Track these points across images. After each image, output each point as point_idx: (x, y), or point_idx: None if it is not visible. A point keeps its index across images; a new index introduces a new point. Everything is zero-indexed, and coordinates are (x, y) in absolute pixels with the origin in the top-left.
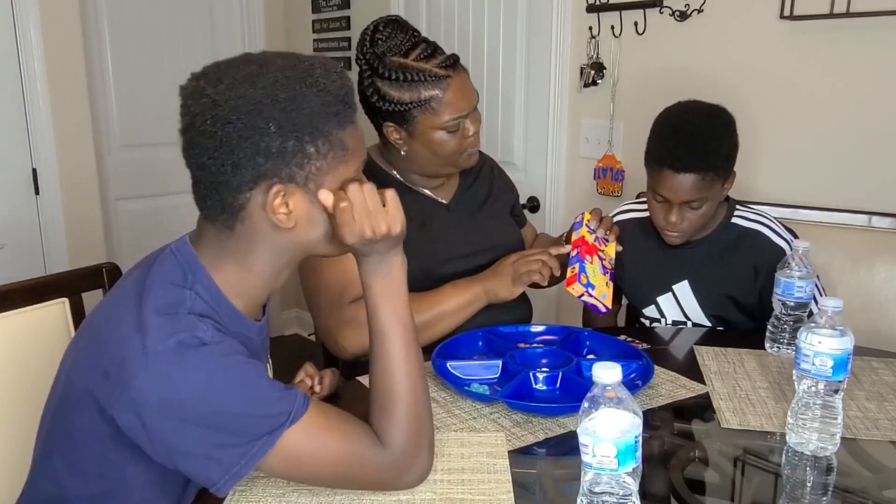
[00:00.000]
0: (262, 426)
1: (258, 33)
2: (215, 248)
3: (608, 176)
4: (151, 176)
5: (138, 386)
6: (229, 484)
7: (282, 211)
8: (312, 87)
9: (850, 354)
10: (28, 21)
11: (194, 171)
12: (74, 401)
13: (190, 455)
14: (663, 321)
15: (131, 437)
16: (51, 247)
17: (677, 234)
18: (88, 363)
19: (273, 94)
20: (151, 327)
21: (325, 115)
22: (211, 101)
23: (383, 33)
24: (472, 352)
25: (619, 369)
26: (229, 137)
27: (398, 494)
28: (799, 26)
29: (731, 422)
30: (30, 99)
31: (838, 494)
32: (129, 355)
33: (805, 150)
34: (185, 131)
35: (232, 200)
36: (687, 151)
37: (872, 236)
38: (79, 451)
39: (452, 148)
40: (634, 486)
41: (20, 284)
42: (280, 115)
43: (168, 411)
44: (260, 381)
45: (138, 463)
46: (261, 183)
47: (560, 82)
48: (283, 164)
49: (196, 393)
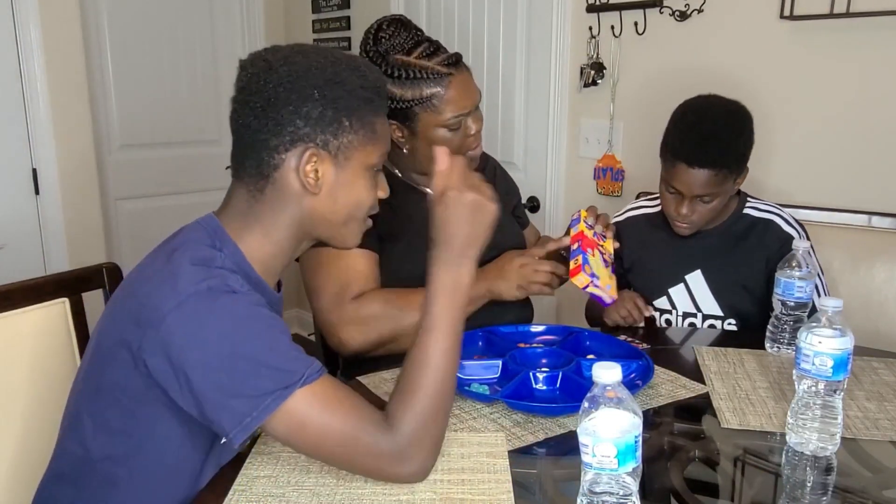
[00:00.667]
0: (277, 380)
1: (258, 33)
2: (242, 215)
3: (608, 176)
4: (151, 176)
5: (168, 324)
6: (241, 436)
7: (312, 175)
8: (355, 72)
9: (850, 354)
10: (28, 21)
11: (238, 132)
12: (106, 355)
13: (208, 399)
14: (674, 313)
15: (160, 381)
16: (51, 247)
17: (687, 226)
18: (121, 316)
19: (322, 67)
20: (184, 273)
21: (362, 97)
22: (267, 64)
23: (387, 31)
24: (473, 352)
25: (619, 369)
26: (277, 97)
27: (398, 494)
28: (799, 26)
29: (731, 422)
30: (30, 99)
31: (838, 494)
32: (161, 299)
33: (805, 151)
34: (239, 92)
35: (268, 159)
36: (702, 147)
37: (872, 236)
38: (107, 409)
39: (454, 146)
40: (634, 486)
41: (20, 284)
42: (324, 86)
43: (193, 349)
44: (282, 336)
45: (164, 421)
46: (298, 145)
47: (560, 82)
48: (320, 131)
49: (221, 333)
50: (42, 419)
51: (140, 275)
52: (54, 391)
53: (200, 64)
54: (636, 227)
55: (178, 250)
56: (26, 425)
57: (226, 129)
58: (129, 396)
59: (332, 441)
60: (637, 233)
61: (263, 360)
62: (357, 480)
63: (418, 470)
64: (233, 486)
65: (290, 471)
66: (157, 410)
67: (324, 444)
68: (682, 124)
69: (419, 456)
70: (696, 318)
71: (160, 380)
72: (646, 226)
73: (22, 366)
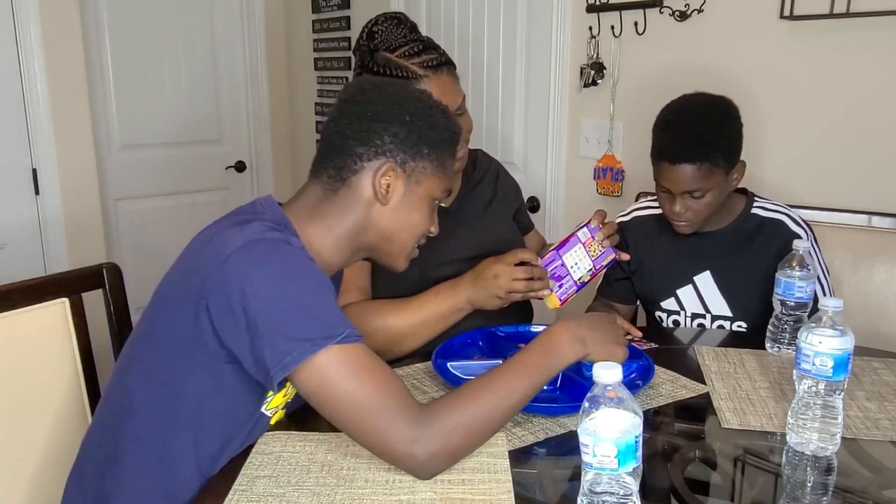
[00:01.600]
0: (319, 329)
1: (258, 33)
2: (310, 208)
3: (608, 176)
4: (151, 176)
5: (231, 262)
6: (279, 375)
7: (384, 187)
8: (442, 113)
9: (850, 354)
10: (28, 21)
11: (330, 135)
12: (164, 302)
13: (258, 333)
14: (682, 314)
15: (216, 320)
16: (51, 247)
17: (684, 224)
18: (185, 268)
19: (416, 100)
20: (250, 227)
21: (443, 136)
22: (372, 84)
23: (381, 27)
24: (473, 352)
25: (619, 369)
26: (374, 113)
27: (399, 494)
28: (799, 26)
29: (731, 422)
30: (30, 99)
31: (838, 494)
32: (226, 243)
33: (804, 151)
34: (343, 102)
35: (351, 164)
36: (680, 143)
37: (872, 236)
38: (153, 354)
39: None
40: (635, 486)
41: (20, 284)
42: (416, 114)
43: (251, 284)
44: (330, 295)
45: (205, 374)
46: (380, 157)
47: (560, 82)
48: (402, 151)
49: (277, 274)
50: (42, 418)
51: (203, 239)
52: (54, 391)
53: (200, 64)
54: (642, 228)
55: (246, 217)
56: (27, 425)
57: (225, 129)
58: (179, 344)
59: (353, 406)
60: (643, 233)
61: (311, 308)
62: (358, 481)
63: (426, 462)
64: (233, 486)
65: (291, 471)
66: (203, 361)
67: (345, 409)
68: (663, 123)
69: (436, 452)
70: (705, 320)
71: (217, 317)
72: (653, 226)
73: (22, 366)
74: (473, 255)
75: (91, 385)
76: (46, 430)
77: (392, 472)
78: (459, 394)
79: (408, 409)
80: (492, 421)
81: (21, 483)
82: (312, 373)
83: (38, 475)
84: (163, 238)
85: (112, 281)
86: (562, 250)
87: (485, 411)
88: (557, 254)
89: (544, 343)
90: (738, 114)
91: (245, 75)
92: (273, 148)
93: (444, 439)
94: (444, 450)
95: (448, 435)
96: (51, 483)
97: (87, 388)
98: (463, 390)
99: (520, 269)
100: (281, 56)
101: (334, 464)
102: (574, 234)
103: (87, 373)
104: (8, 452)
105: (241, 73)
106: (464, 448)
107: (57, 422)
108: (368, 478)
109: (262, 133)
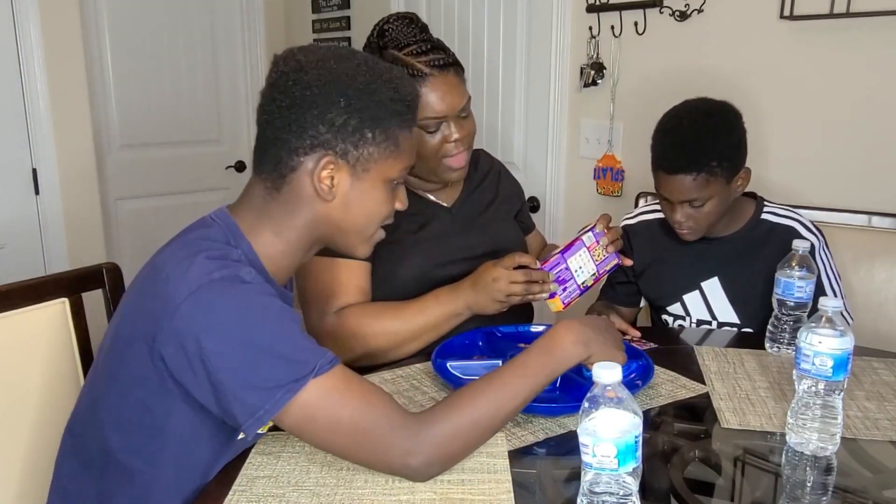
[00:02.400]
0: (289, 371)
1: (258, 33)
2: (257, 212)
3: (608, 176)
4: (151, 176)
5: (182, 314)
6: (254, 427)
7: (326, 182)
8: (388, 84)
9: (850, 354)
10: (28, 21)
11: (262, 126)
12: (123, 348)
13: (223, 388)
14: (688, 319)
15: (176, 373)
16: (51, 247)
17: (687, 231)
18: (136, 310)
19: (353, 75)
20: (197, 265)
21: (390, 110)
22: (299, 64)
23: (392, 26)
24: (473, 352)
25: (619, 369)
26: (303, 100)
27: (399, 494)
28: (799, 26)
29: (731, 422)
30: (30, 99)
31: (838, 494)
32: (174, 290)
33: (805, 151)
34: (268, 88)
35: (287, 159)
36: (676, 153)
37: (872, 236)
38: (123, 402)
39: (432, 149)
40: (634, 486)
41: (20, 284)
42: (352, 94)
43: (207, 337)
44: (294, 326)
45: (179, 414)
46: (317, 150)
47: (560, 82)
48: (341, 140)
49: (233, 322)
50: (42, 418)
51: (154, 270)
52: (54, 391)
53: (200, 64)
54: (648, 232)
55: (196, 246)
56: (27, 424)
57: (225, 129)
58: (145, 390)
59: (342, 433)
60: (649, 237)
61: (276, 350)
62: (357, 481)
63: (424, 470)
64: (233, 487)
65: (291, 471)
66: (172, 404)
67: (334, 437)
68: (661, 132)
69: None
70: (711, 326)
71: (176, 371)
72: (659, 230)
73: (22, 366)
74: (473, 254)
75: None
76: (46, 430)
77: None
78: (457, 398)
79: (398, 421)
80: (490, 425)
81: (21, 483)
82: (294, 413)
83: (37, 475)
84: (163, 238)
85: (112, 281)
86: (567, 254)
87: (483, 415)
88: (563, 257)
89: (547, 344)
90: (740, 120)
91: (245, 75)
92: None
93: (440, 447)
94: (440, 457)
95: (443, 442)
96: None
97: None
98: (461, 394)
99: (518, 273)
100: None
101: (334, 464)
102: (579, 237)
103: (87, 373)
104: (8, 452)
105: (241, 73)
106: (461, 453)
107: (57, 422)
108: (368, 478)
109: None
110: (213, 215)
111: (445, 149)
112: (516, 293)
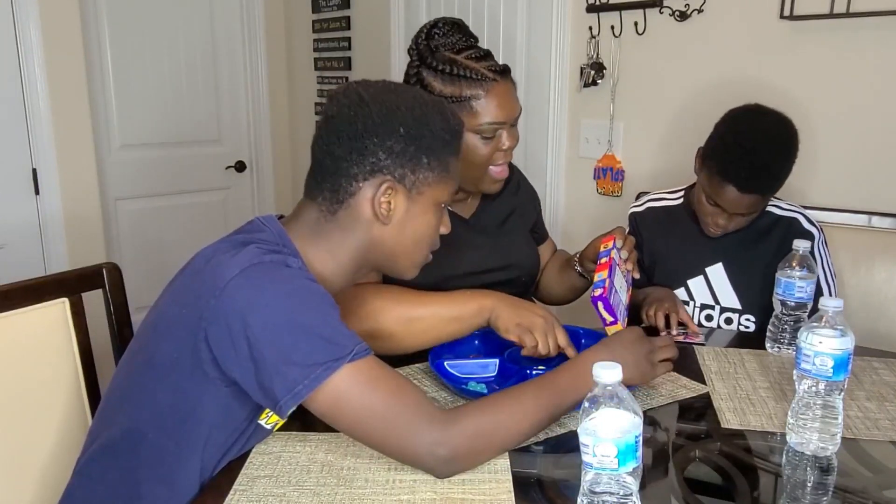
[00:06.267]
0: (328, 351)
1: (258, 33)
2: (310, 228)
3: (608, 176)
4: (151, 176)
5: (228, 291)
6: (289, 404)
7: (385, 206)
8: (440, 115)
9: (850, 354)
10: (28, 21)
11: (320, 158)
12: (163, 332)
13: (264, 363)
14: (692, 304)
15: (217, 351)
16: (51, 247)
17: (721, 231)
18: (183, 295)
19: (410, 107)
20: (246, 251)
21: (443, 139)
22: (359, 97)
23: (441, 30)
24: (469, 350)
25: (619, 369)
26: (365, 129)
27: (399, 494)
28: (799, 26)
29: (731, 422)
30: (30, 99)
31: (838, 494)
32: (223, 271)
33: (804, 151)
34: (328, 120)
35: (347, 185)
36: (753, 174)
37: (872, 236)
38: (157, 384)
39: (483, 156)
40: (635, 486)
41: (20, 284)
42: (411, 124)
43: (254, 312)
44: (335, 312)
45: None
46: (376, 176)
47: (560, 82)
48: (399, 165)
49: (278, 300)
50: (42, 419)
51: (202, 259)
52: (54, 391)
53: (200, 64)
54: (656, 219)
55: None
56: (27, 425)
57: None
58: (178, 371)
59: (371, 420)
60: (657, 224)
61: (316, 330)
62: (358, 481)
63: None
64: (233, 486)
65: (291, 471)
66: (205, 388)
67: (362, 423)
68: (736, 148)
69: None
70: (713, 311)
71: (217, 350)
72: (666, 218)
73: (22, 366)
74: (488, 267)
75: (91, 385)
76: (47, 431)
77: (392, 471)
78: (486, 401)
79: (428, 412)
80: (515, 431)
81: (21, 483)
82: (327, 395)
83: (38, 475)
84: (163, 238)
85: (112, 281)
86: (612, 278)
87: (509, 420)
88: (613, 283)
89: (578, 367)
90: (798, 140)
91: (245, 75)
92: (273, 148)
93: (468, 440)
94: (466, 450)
95: (471, 437)
96: (52, 482)
97: (87, 388)
98: (490, 398)
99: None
100: (281, 56)
101: (334, 464)
102: (610, 257)
103: (87, 373)
104: (8, 452)
105: (241, 73)
106: (486, 452)
107: (57, 422)
108: (368, 478)
109: (262, 133)
110: (262, 219)
111: (496, 157)
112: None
